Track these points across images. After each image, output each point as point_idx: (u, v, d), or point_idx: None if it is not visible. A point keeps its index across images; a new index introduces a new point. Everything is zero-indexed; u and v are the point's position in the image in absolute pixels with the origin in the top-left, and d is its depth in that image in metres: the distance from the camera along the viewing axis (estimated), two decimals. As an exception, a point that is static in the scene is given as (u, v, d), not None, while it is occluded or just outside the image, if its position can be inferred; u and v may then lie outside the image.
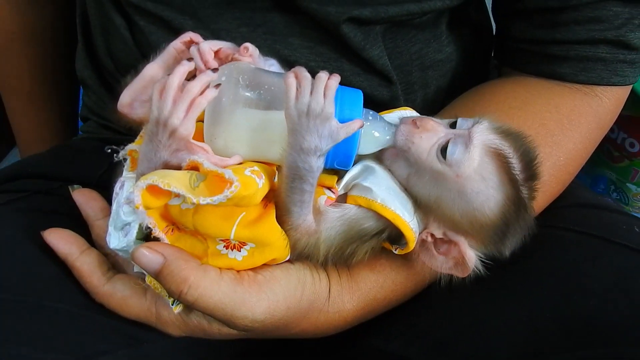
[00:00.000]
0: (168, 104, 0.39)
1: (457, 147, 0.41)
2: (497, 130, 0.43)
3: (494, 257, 0.44)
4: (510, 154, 0.42)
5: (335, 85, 0.40)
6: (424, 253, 0.45)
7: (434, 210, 0.43)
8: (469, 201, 0.42)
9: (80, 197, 0.49)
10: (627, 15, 0.52)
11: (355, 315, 0.47)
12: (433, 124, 0.43)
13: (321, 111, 0.38)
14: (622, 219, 0.53)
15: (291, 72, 0.39)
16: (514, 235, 0.43)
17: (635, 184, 1.11)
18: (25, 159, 0.65)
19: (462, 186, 0.41)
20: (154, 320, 0.45)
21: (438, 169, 0.42)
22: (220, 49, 0.44)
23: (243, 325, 0.42)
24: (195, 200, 0.36)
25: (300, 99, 0.38)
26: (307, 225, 0.42)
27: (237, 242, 0.41)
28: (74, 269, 0.45)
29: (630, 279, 0.45)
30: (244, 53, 0.44)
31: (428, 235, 0.44)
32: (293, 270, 0.44)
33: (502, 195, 0.41)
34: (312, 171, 0.39)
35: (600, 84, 0.55)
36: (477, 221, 0.42)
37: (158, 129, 0.39)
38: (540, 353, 0.43)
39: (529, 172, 0.43)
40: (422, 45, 0.59)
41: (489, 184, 0.41)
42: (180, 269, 0.40)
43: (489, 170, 0.41)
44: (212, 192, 0.37)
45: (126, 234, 0.42)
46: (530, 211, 0.44)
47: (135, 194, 0.37)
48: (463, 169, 0.41)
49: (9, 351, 0.40)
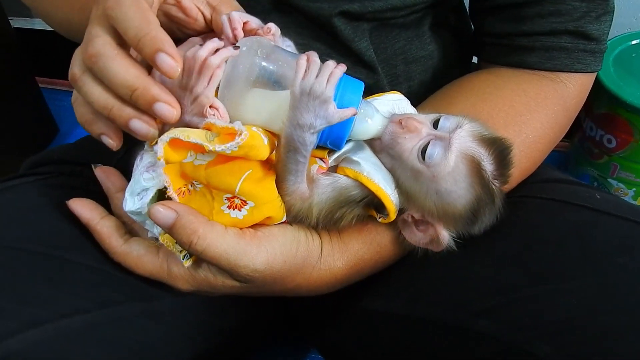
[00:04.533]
0: (195, 74, 0.44)
1: (435, 150, 0.46)
2: (475, 136, 0.47)
3: (465, 235, 0.49)
4: (484, 159, 0.46)
5: (339, 74, 0.44)
6: (405, 229, 0.51)
7: (413, 199, 0.48)
8: (442, 197, 0.47)
9: (101, 173, 0.54)
10: (585, 9, 0.58)
11: (344, 274, 0.52)
12: (417, 125, 0.47)
13: (321, 93, 0.43)
14: (585, 189, 0.59)
15: (304, 55, 0.44)
16: (482, 222, 0.49)
17: (616, 179, 1.16)
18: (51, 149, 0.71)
19: (437, 184, 0.46)
20: (166, 276, 0.49)
21: (417, 168, 0.47)
22: (247, 22, 0.49)
23: (245, 274, 0.46)
24: (212, 147, 0.42)
25: (306, 79, 0.43)
26: (301, 192, 0.47)
27: (240, 202, 0.45)
28: (94, 232, 0.50)
29: (585, 230, 0.50)
30: (267, 32, 0.49)
31: (409, 216, 0.49)
32: (289, 230, 0.49)
33: (472, 194, 0.47)
34: (305, 145, 0.44)
35: (564, 71, 0.60)
36: (450, 213, 0.47)
37: (185, 94, 0.44)
38: (504, 290, 0.48)
39: (502, 169, 0.48)
40: (405, 42, 0.65)
41: (461, 186, 0.46)
42: (191, 222, 0.45)
43: (461, 174, 0.46)
44: (225, 142, 0.42)
45: (141, 198, 0.47)
46: (498, 199, 0.49)
47: (159, 146, 0.42)
48: (439, 171, 0.46)
49: (38, 291, 0.47)
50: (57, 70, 1.62)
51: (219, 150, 0.42)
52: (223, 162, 0.44)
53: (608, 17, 0.60)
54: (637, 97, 1.03)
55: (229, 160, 0.44)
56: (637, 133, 1.06)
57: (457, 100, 0.60)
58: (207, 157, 0.44)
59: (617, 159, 1.13)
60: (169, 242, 0.48)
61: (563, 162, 1.31)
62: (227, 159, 0.44)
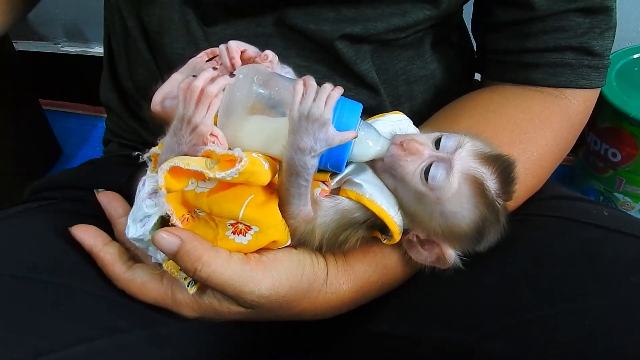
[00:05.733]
0: (192, 105, 0.44)
1: (438, 172, 0.46)
2: (477, 155, 0.47)
3: (471, 253, 0.49)
4: (487, 179, 0.46)
5: (336, 96, 0.44)
6: (410, 249, 0.50)
7: (418, 220, 0.48)
8: (447, 219, 0.47)
9: (104, 198, 0.54)
10: (588, 25, 0.58)
11: (350, 297, 0.52)
12: (418, 147, 0.47)
13: (320, 116, 0.43)
14: (593, 205, 0.58)
15: (301, 79, 0.44)
16: (488, 239, 0.48)
17: (622, 193, 1.15)
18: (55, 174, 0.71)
19: (441, 206, 0.46)
20: (170, 302, 0.49)
21: (420, 190, 0.46)
22: (245, 50, 0.49)
23: (250, 300, 0.46)
24: (212, 175, 0.42)
25: (303, 103, 0.43)
26: (305, 215, 0.47)
27: (244, 227, 0.45)
28: (98, 258, 0.50)
29: (594, 247, 0.50)
30: (264, 59, 0.49)
31: (414, 236, 0.49)
32: (294, 254, 0.49)
33: (477, 214, 0.46)
34: (307, 168, 0.44)
35: (569, 87, 0.60)
36: (455, 233, 0.47)
37: (182, 125, 0.44)
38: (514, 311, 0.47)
39: (506, 187, 0.48)
40: (406, 62, 0.65)
41: (465, 207, 0.46)
42: (195, 248, 0.45)
43: (465, 195, 0.46)
44: (225, 169, 0.42)
45: (144, 225, 0.47)
46: (502, 217, 0.48)
47: (160, 175, 0.43)
48: (443, 193, 0.46)
49: (42, 320, 0.46)
50: (61, 92, 1.63)
51: (220, 178, 0.42)
52: (225, 188, 0.44)
53: (611, 32, 0.60)
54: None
55: (231, 187, 0.44)
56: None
57: (461, 119, 0.60)
58: (209, 184, 0.44)
59: (622, 173, 1.12)
60: (173, 269, 0.48)
61: (568, 176, 1.30)
62: (229, 185, 0.44)
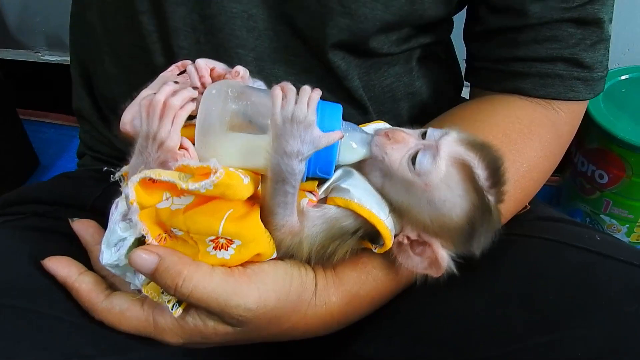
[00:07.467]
0: (155, 120, 0.42)
1: (425, 157, 0.45)
2: (463, 142, 0.46)
3: (465, 256, 0.47)
4: (475, 163, 0.45)
5: (317, 97, 0.43)
6: (401, 254, 0.48)
7: (407, 215, 0.46)
8: (437, 208, 0.45)
9: (79, 226, 0.51)
10: (580, 36, 0.58)
11: (340, 311, 0.49)
12: (404, 136, 0.47)
13: (304, 118, 0.41)
14: (584, 230, 0.57)
15: (278, 85, 0.43)
16: (481, 236, 0.46)
17: (609, 215, 1.15)
18: (25, 187, 0.69)
19: (430, 194, 0.45)
20: (152, 330, 0.46)
21: (408, 178, 0.45)
22: (214, 68, 0.48)
23: (237, 314, 0.44)
24: (185, 186, 0.39)
25: (285, 107, 0.42)
26: (291, 226, 0.45)
27: (225, 241, 0.43)
28: (72, 289, 0.47)
29: (587, 273, 0.49)
30: (235, 76, 0.47)
31: (404, 237, 0.47)
32: (281, 265, 0.47)
33: (467, 202, 0.45)
34: (294, 174, 0.42)
35: (558, 99, 0.60)
36: (446, 225, 0.45)
37: (148, 143, 0.43)
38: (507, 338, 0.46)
39: (495, 179, 0.46)
40: (393, 79, 0.64)
41: (455, 193, 0.44)
42: (175, 263, 0.42)
43: (454, 180, 0.44)
44: (200, 181, 0.40)
45: (118, 249, 0.44)
46: (495, 215, 0.47)
47: (129, 187, 0.40)
48: (431, 179, 0.44)
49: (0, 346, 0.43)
50: (39, 102, 1.60)
51: (193, 189, 0.40)
52: (202, 203, 0.42)
53: (603, 45, 0.60)
54: (629, 132, 1.03)
55: (208, 202, 0.42)
56: (629, 169, 1.06)
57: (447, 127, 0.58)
58: (185, 199, 0.42)
59: (609, 195, 1.12)
60: (153, 292, 0.45)
61: (554, 196, 1.30)
62: (206, 200, 0.42)
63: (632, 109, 1.08)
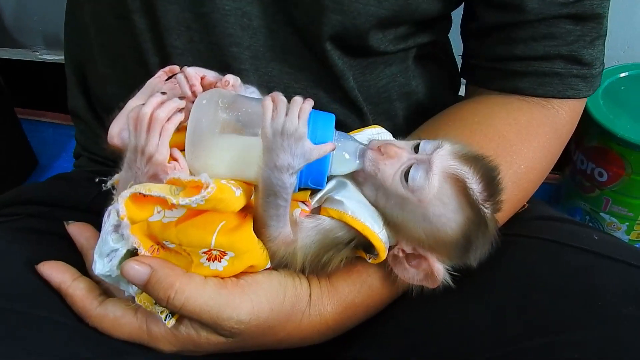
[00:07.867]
0: (143, 133, 0.42)
1: (418, 173, 0.44)
2: (456, 155, 0.45)
3: (461, 268, 0.47)
4: (469, 178, 0.44)
5: (308, 109, 0.42)
6: (396, 266, 0.48)
7: (402, 229, 0.46)
8: (431, 223, 0.45)
9: (74, 229, 0.51)
10: (579, 33, 0.57)
11: (335, 319, 0.49)
12: (396, 150, 0.46)
13: (295, 131, 0.41)
14: (582, 229, 0.56)
15: (268, 96, 0.42)
16: (477, 249, 0.46)
17: (608, 214, 1.15)
18: (20, 188, 0.68)
19: (424, 210, 0.44)
20: (146, 337, 0.46)
21: (402, 194, 0.45)
22: (204, 76, 0.47)
23: (229, 326, 0.43)
24: (176, 201, 0.39)
25: (275, 119, 0.41)
26: (284, 237, 0.45)
27: (218, 253, 0.43)
28: (67, 295, 0.47)
29: (585, 275, 0.48)
30: (225, 85, 0.47)
31: (399, 250, 0.47)
32: (274, 275, 0.47)
33: (462, 216, 0.44)
34: (285, 187, 0.42)
35: (557, 97, 0.58)
36: (441, 239, 0.45)
37: (136, 157, 0.42)
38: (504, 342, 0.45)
39: (490, 190, 0.46)
40: (389, 79, 0.63)
41: (449, 208, 0.44)
42: (167, 275, 0.42)
43: (448, 195, 0.44)
44: (191, 196, 0.40)
45: (110, 259, 0.44)
46: (492, 226, 0.47)
47: (120, 203, 0.40)
48: (424, 195, 0.44)
49: None
50: (38, 101, 1.59)
51: (184, 204, 0.40)
52: (194, 216, 0.42)
53: (601, 41, 0.58)
54: (628, 130, 1.02)
55: (200, 214, 0.42)
56: (628, 167, 1.05)
57: (445, 132, 0.58)
58: (176, 212, 0.42)
59: (609, 193, 1.11)
60: (147, 302, 0.45)
61: (554, 195, 1.29)
62: (198, 213, 0.42)
63: (631, 106, 1.07)
